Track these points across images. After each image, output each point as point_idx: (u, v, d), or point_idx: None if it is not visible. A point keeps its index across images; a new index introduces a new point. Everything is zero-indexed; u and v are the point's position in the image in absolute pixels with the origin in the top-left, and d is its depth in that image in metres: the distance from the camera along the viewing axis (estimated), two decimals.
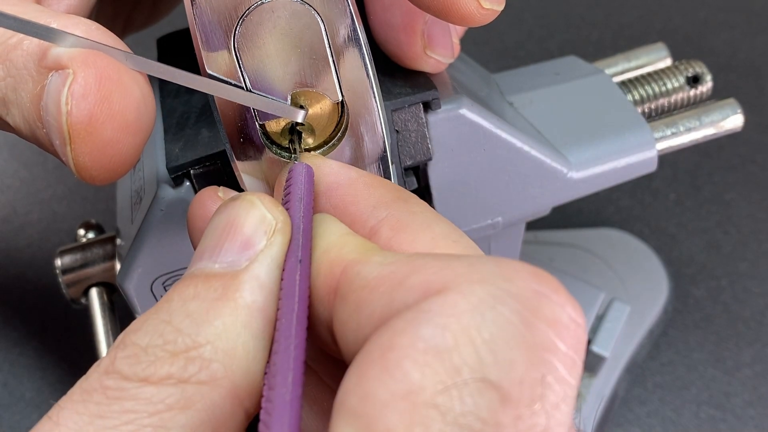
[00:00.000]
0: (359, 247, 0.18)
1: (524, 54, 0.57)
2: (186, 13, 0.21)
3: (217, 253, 0.18)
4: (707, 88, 0.33)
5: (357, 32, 0.21)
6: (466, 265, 0.15)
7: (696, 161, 0.49)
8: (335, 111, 0.22)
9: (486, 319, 0.14)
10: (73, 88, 0.19)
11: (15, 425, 0.40)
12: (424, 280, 0.15)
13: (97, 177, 0.20)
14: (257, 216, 0.18)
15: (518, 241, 0.33)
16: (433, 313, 0.14)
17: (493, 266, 0.15)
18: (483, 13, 0.22)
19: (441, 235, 0.18)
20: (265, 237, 0.18)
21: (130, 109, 0.20)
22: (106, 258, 0.34)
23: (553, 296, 0.15)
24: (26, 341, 0.43)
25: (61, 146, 0.20)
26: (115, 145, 0.20)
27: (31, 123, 0.21)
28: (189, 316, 0.17)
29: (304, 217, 0.19)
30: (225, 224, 0.18)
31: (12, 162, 0.52)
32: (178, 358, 0.16)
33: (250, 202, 0.19)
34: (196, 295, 0.17)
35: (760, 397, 0.39)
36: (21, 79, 0.20)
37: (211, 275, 0.18)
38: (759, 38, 0.56)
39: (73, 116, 0.19)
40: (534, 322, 0.14)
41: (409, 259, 0.16)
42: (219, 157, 0.24)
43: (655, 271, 0.43)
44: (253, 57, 0.21)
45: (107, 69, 0.19)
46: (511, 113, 0.31)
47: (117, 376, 0.16)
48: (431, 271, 0.15)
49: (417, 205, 0.20)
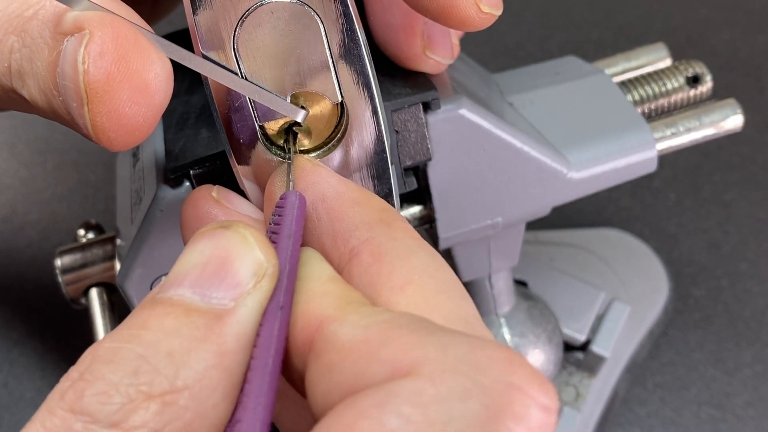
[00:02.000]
0: (339, 300, 0.17)
1: (524, 54, 0.57)
2: (185, 14, 0.21)
3: (202, 286, 0.17)
4: (707, 88, 0.33)
5: (357, 33, 0.21)
6: (439, 345, 0.15)
7: (696, 161, 0.49)
8: (334, 113, 0.22)
9: (453, 414, 0.14)
10: (89, 47, 0.19)
11: (15, 425, 0.40)
12: (395, 357, 0.15)
13: (114, 140, 0.19)
14: (251, 257, 0.17)
15: (518, 241, 0.33)
16: (400, 400, 0.14)
17: (467, 351, 0.15)
18: (482, 17, 0.22)
19: (419, 268, 0.18)
20: (254, 279, 0.17)
21: (147, 69, 0.19)
22: (105, 258, 0.34)
23: (526, 388, 0.14)
24: (26, 341, 0.43)
25: (78, 108, 0.19)
26: (132, 106, 0.19)
27: (47, 93, 0.20)
28: (170, 355, 0.15)
29: (290, 258, 0.18)
30: (214, 256, 0.17)
31: (12, 162, 0.52)
32: (153, 401, 0.15)
33: (243, 237, 0.18)
34: (177, 330, 0.16)
35: (761, 397, 0.39)
36: (36, 48, 0.20)
37: (193, 309, 0.16)
38: (759, 38, 0.56)
39: (90, 75, 0.19)
40: (503, 419, 0.14)
41: (384, 326, 0.16)
42: (218, 157, 0.24)
43: (655, 271, 0.43)
44: (252, 58, 0.21)
45: (123, 29, 0.19)
46: (511, 113, 0.31)
47: (86, 418, 0.15)
48: (403, 346, 0.15)
49: (399, 230, 0.19)
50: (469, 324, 0.17)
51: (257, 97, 0.21)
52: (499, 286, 0.35)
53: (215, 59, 0.21)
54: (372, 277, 0.18)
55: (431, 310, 0.17)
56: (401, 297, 0.18)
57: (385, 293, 0.18)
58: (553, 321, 0.38)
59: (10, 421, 0.40)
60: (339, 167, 0.23)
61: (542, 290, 0.40)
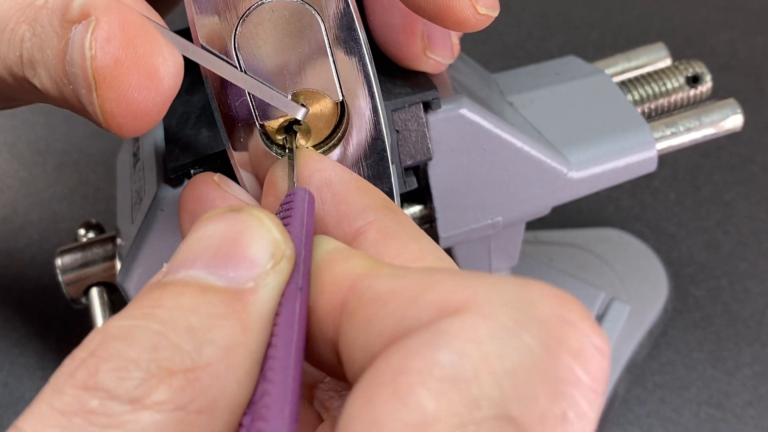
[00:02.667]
0: (368, 262, 0.17)
1: (524, 54, 0.57)
2: (186, 13, 0.21)
3: (217, 266, 0.16)
4: (707, 88, 0.34)
5: (357, 33, 0.21)
6: (487, 284, 0.14)
7: (696, 161, 0.49)
8: (335, 112, 0.22)
9: (508, 347, 0.13)
10: (96, 33, 0.18)
11: None
12: (442, 297, 0.14)
13: (124, 126, 0.19)
14: (268, 238, 0.17)
15: (518, 241, 0.33)
16: (452, 336, 0.13)
17: (516, 288, 0.14)
18: (478, 18, 0.22)
19: (429, 251, 0.18)
20: (272, 261, 0.16)
21: (154, 54, 0.19)
22: (106, 257, 0.34)
23: (580, 324, 0.14)
24: (26, 341, 0.43)
25: (87, 95, 0.19)
26: (141, 91, 0.19)
27: (58, 81, 0.20)
28: (190, 331, 0.15)
29: (305, 245, 0.18)
30: (227, 236, 0.17)
31: (12, 162, 0.52)
32: (176, 377, 0.14)
33: (258, 219, 0.17)
34: (195, 307, 0.15)
35: (760, 397, 0.39)
36: (46, 37, 0.20)
37: (209, 288, 0.16)
38: (759, 38, 0.56)
39: (98, 60, 0.18)
40: (559, 353, 0.14)
41: (424, 273, 0.15)
42: (219, 156, 0.24)
43: (654, 271, 0.43)
44: (253, 57, 0.21)
45: (130, 14, 0.19)
46: (511, 113, 0.31)
47: (103, 394, 0.14)
48: (449, 287, 0.15)
49: (405, 218, 0.19)
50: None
51: (258, 93, 0.21)
52: None
53: (217, 54, 0.21)
54: (380, 251, 0.18)
55: None
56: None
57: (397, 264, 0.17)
58: None
59: (11, 420, 0.40)
60: None
61: None
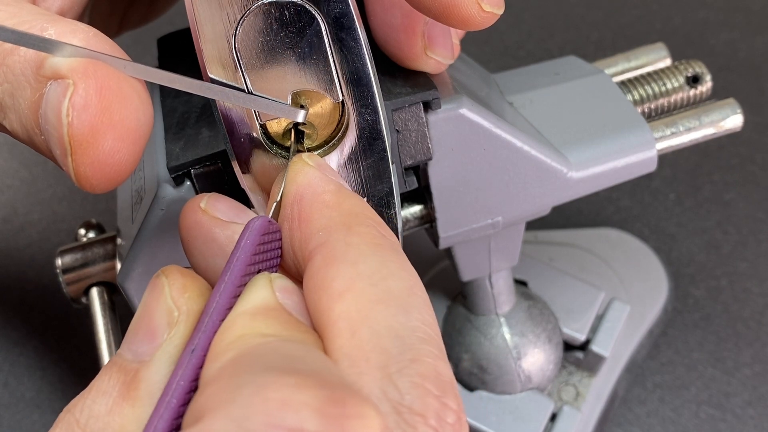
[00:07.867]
0: (252, 339, 0.17)
1: (524, 54, 0.57)
2: (186, 13, 0.21)
3: (130, 339, 0.18)
4: (707, 88, 0.34)
5: (357, 32, 0.21)
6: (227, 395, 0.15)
7: (696, 161, 0.49)
8: (336, 111, 0.22)
9: None
10: (74, 99, 0.19)
11: (15, 425, 0.40)
12: (194, 406, 0.15)
13: (97, 186, 0.20)
14: (164, 306, 0.18)
15: (518, 240, 0.33)
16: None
17: (245, 407, 0.14)
18: (483, 16, 0.22)
19: (364, 275, 0.18)
20: (168, 329, 0.18)
21: (130, 119, 0.19)
22: (106, 257, 0.34)
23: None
24: (26, 341, 0.43)
25: (62, 157, 0.20)
26: (115, 155, 0.20)
27: (29, 129, 0.20)
28: (93, 416, 0.17)
29: (223, 293, 0.18)
30: (142, 308, 0.18)
31: (12, 162, 0.52)
32: None
33: (161, 287, 0.18)
34: (107, 390, 0.17)
35: (760, 397, 0.39)
36: (18, 85, 0.20)
37: (120, 366, 0.18)
38: (759, 38, 0.56)
39: (75, 127, 0.19)
40: None
41: (222, 377, 0.16)
42: (219, 156, 0.24)
43: (654, 271, 0.43)
44: (253, 57, 0.21)
45: (107, 79, 0.19)
46: (511, 113, 0.31)
47: None
48: (200, 400, 0.15)
49: (357, 236, 0.19)
50: (400, 338, 0.17)
51: (253, 106, 0.21)
52: (499, 285, 0.35)
53: (214, 64, 0.21)
54: (317, 282, 0.18)
55: (361, 321, 0.17)
56: (338, 304, 0.17)
57: (325, 299, 0.18)
58: (552, 320, 0.38)
59: (11, 420, 0.40)
60: (339, 166, 0.23)
61: (542, 290, 0.40)
